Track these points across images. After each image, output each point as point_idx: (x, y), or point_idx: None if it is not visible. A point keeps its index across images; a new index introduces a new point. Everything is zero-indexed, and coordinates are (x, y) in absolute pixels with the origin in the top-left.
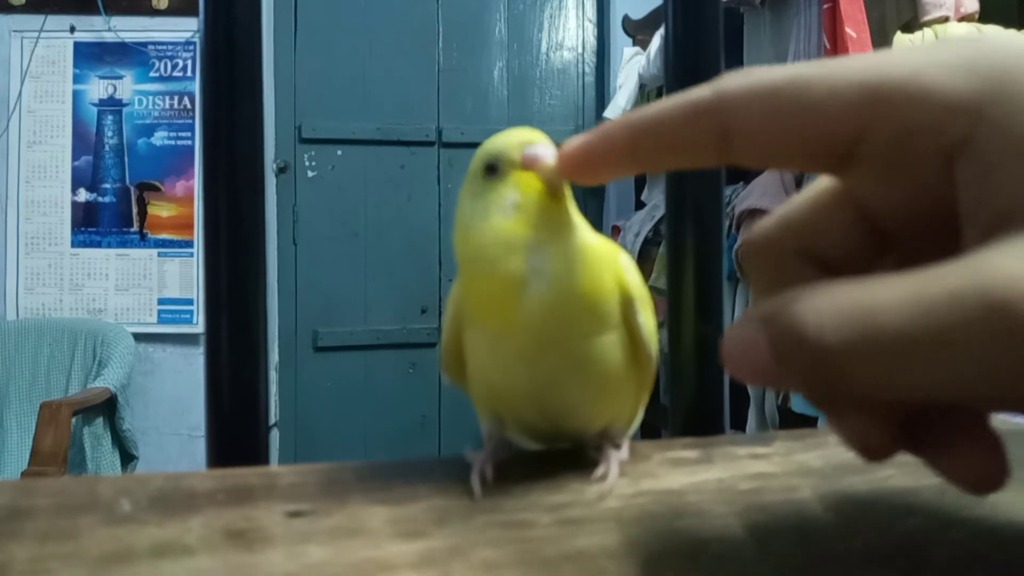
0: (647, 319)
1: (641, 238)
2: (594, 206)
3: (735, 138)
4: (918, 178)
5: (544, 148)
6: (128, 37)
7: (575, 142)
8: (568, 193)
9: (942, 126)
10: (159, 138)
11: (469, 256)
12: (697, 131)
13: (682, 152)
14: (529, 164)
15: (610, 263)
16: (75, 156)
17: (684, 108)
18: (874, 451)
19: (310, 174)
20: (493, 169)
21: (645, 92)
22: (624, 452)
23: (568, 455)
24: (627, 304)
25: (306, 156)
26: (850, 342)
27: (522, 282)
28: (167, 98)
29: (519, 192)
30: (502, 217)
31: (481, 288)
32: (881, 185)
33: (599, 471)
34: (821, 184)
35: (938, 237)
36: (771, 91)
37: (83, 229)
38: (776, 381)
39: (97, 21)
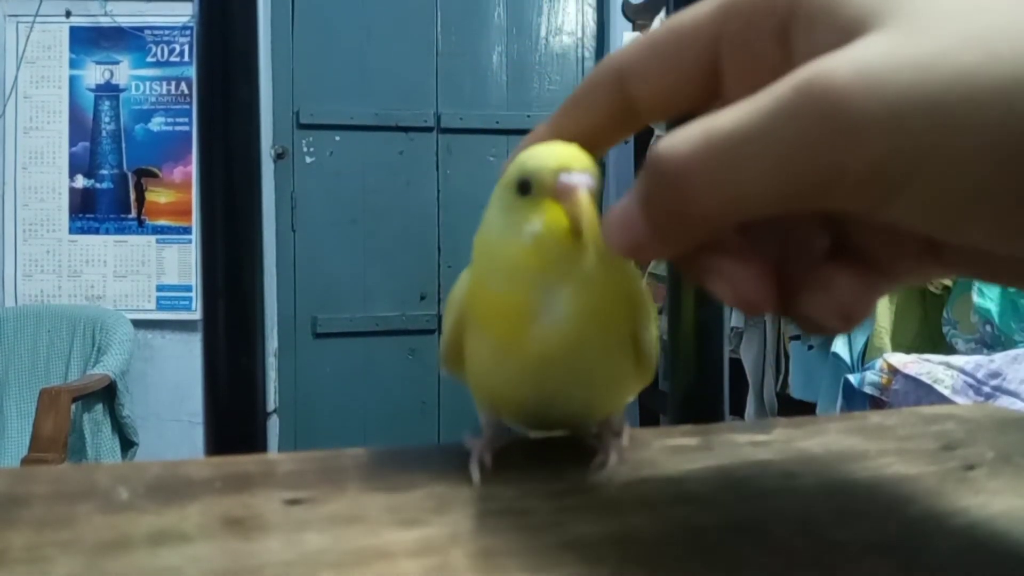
0: (651, 332)
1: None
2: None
3: (630, 87)
4: (765, 67)
5: (580, 178)
6: (124, 21)
7: (510, 159)
8: (596, 226)
9: (773, 2)
10: (156, 124)
11: (482, 268)
12: (599, 92)
13: (593, 119)
14: (560, 195)
15: (624, 286)
16: (72, 142)
17: (589, 76)
18: (751, 301)
19: (308, 160)
20: (526, 187)
21: None
22: (624, 439)
23: (567, 442)
24: (635, 321)
25: (304, 142)
26: (695, 150)
27: (532, 312)
28: (164, 83)
29: (543, 223)
30: (520, 245)
31: (490, 305)
32: (743, 89)
33: (598, 458)
34: None
35: None
36: (651, 33)
37: (81, 215)
38: (648, 241)
39: (93, 5)
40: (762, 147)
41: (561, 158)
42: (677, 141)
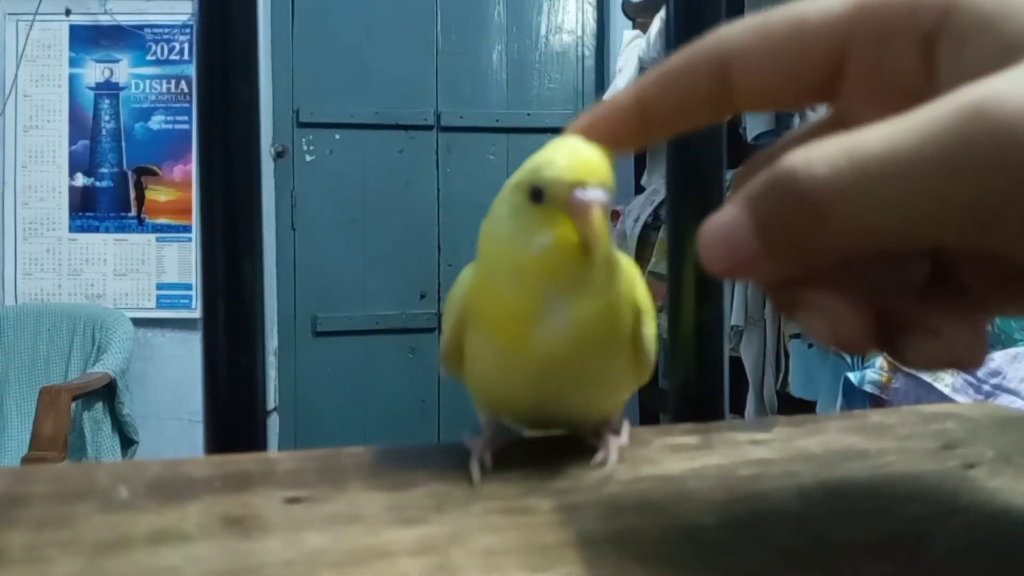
0: (650, 329)
1: (640, 223)
2: None
3: (734, 71)
4: (901, 76)
5: (594, 194)
6: (124, 20)
7: (582, 118)
8: (606, 243)
9: (919, 10)
10: (156, 122)
11: (487, 266)
12: (698, 71)
13: (685, 99)
14: (573, 211)
15: (626, 287)
16: (72, 140)
17: (685, 52)
18: (850, 340)
19: (308, 158)
20: (538, 195)
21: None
22: (623, 437)
23: (567, 441)
24: (635, 319)
25: (304, 140)
26: (838, 173)
27: (536, 316)
28: (164, 82)
29: (553, 236)
30: (528, 252)
31: (493, 305)
32: (868, 97)
33: (598, 457)
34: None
35: None
36: (765, 20)
37: (81, 214)
38: (756, 261)
39: (93, 4)
40: (919, 176)
41: (577, 171)
42: (814, 159)
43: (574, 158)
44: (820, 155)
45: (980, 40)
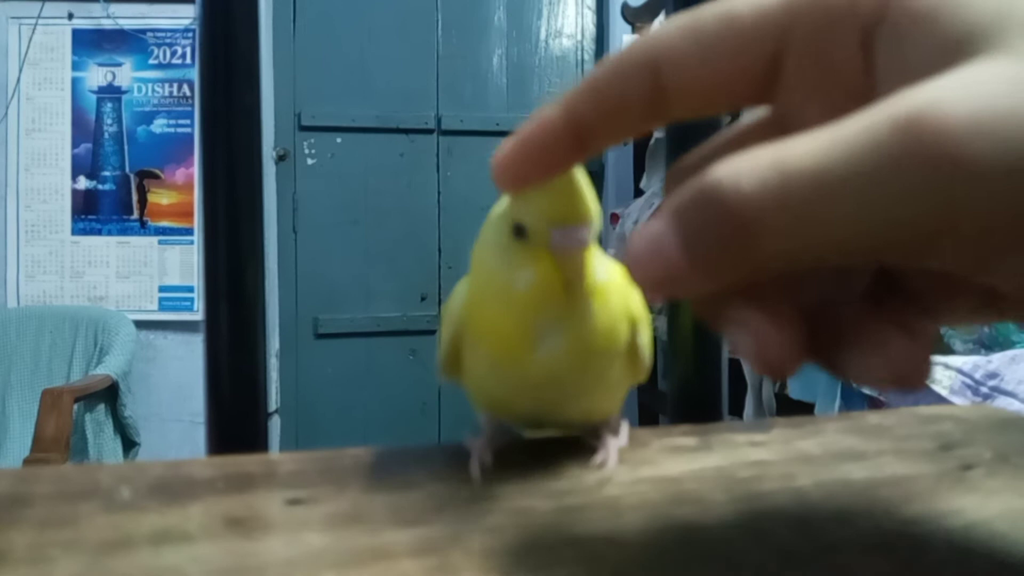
0: (645, 337)
1: (639, 226)
2: None
3: (666, 76)
4: (841, 75)
5: (575, 234)
6: (126, 24)
7: (509, 143)
8: (591, 279)
9: (857, 2)
10: (159, 125)
11: (479, 289)
12: (628, 78)
13: (618, 109)
14: (555, 252)
15: (621, 301)
16: (74, 144)
17: (615, 58)
18: (778, 363)
19: (310, 162)
20: (521, 231)
21: None
22: (623, 439)
23: (567, 442)
24: (632, 329)
25: (305, 144)
26: (767, 188)
27: (530, 340)
28: (166, 85)
29: (536, 273)
30: (513, 287)
31: (488, 326)
32: (807, 97)
33: (598, 458)
34: (749, 119)
35: None
36: (695, 18)
37: (83, 217)
38: (683, 277)
39: (95, 8)
40: (852, 193)
41: (558, 211)
42: (742, 173)
43: (556, 197)
44: (748, 168)
45: (918, 36)
